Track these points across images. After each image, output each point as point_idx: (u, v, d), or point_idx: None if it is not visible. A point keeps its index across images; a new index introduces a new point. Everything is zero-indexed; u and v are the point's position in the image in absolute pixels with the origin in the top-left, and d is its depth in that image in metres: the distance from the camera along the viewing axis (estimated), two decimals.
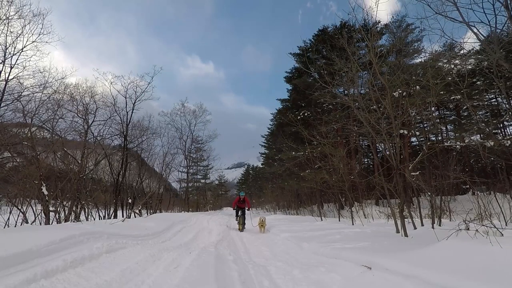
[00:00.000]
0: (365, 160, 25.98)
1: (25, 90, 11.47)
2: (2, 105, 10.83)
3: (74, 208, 9.03)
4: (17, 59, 11.51)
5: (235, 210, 10.80)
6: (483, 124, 13.65)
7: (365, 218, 11.31)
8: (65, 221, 8.02)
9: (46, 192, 7.60)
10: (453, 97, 15.34)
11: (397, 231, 5.59)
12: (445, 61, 8.52)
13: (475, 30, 4.93)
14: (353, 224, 8.76)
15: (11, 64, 11.32)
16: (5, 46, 11.11)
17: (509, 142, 9.39)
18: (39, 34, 11.87)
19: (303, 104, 21.71)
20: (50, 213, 7.81)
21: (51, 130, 11.81)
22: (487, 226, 3.13)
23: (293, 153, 18.24)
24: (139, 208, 15.89)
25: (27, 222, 7.18)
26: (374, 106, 5.87)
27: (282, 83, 25.56)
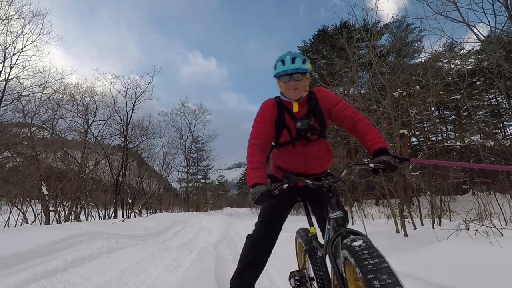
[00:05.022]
0: (365, 160, 25.99)
1: (25, 90, 11.49)
2: (2, 105, 10.84)
3: (74, 208, 9.04)
4: (17, 59, 11.54)
5: (262, 192, 1.37)
6: (483, 124, 13.64)
7: (365, 218, 11.29)
8: (65, 221, 8.02)
9: (46, 192, 7.60)
10: (453, 97, 15.33)
11: (397, 231, 5.59)
12: (445, 61, 8.52)
13: (475, 30, 4.96)
14: (353, 224, 8.76)
15: (11, 64, 11.34)
16: (5, 46, 11.14)
17: (509, 142, 9.39)
18: (39, 34, 11.92)
19: None
20: (50, 213, 7.81)
21: (51, 130, 11.85)
22: (487, 226, 3.13)
23: None
24: (139, 208, 15.90)
25: (27, 222, 7.18)
26: (374, 106, 5.88)
27: None
